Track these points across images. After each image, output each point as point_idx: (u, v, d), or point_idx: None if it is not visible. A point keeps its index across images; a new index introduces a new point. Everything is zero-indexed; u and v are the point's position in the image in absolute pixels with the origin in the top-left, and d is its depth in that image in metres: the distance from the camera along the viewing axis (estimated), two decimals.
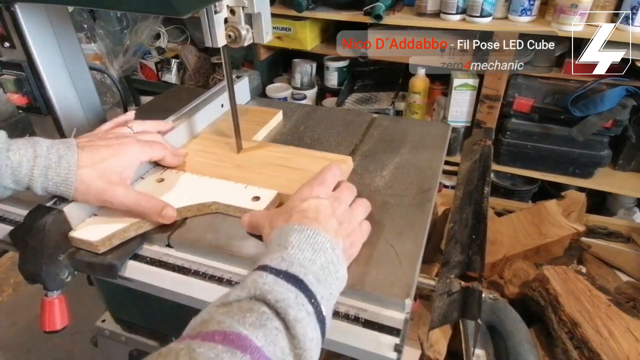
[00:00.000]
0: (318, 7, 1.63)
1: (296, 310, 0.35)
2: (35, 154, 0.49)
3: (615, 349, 0.72)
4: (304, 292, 0.37)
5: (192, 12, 0.53)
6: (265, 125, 0.78)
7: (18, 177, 0.49)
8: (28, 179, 0.49)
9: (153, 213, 0.53)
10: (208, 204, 0.58)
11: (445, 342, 0.82)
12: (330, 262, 0.41)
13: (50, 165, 0.50)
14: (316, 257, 0.40)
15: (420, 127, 0.82)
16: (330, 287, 0.40)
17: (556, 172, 1.58)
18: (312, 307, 0.37)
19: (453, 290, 0.48)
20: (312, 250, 0.40)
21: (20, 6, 0.62)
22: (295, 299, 0.36)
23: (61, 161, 0.50)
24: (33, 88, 0.70)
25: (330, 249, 0.42)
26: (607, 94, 1.34)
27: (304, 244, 0.41)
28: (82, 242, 0.52)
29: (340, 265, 0.42)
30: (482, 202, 0.61)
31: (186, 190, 0.60)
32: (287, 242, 0.41)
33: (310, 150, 0.69)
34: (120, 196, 0.52)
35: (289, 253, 0.40)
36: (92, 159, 0.51)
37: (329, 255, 0.41)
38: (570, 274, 0.86)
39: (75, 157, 0.51)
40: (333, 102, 1.85)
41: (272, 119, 0.80)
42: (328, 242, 0.42)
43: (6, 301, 1.64)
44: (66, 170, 0.50)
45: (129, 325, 0.84)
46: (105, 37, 1.94)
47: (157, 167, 0.64)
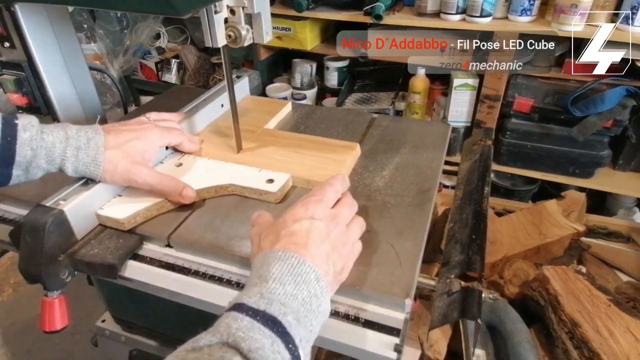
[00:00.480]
0: (318, 7, 1.63)
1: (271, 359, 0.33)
2: (67, 136, 0.53)
3: (615, 349, 0.72)
4: (282, 337, 0.35)
5: (192, 12, 0.53)
6: (275, 115, 0.82)
7: (52, 157, 0.52)
8: (61, 159, 0.52)
9: (174, 192, 0.57)
10: (225, 186, 0.62)
11: (445, 342, 0.82)
12: (313, 295, 0.39)
13: (81, 147, 0.53)
14: (298, 290, 0.38)
15: (420, 127, 0.82)
16: (311, 324, 0.38)
17: (556, 172, 1.58)
18: (289, 354, 0.35)
19: (453, 290, 0.48)
20: (294, 283, 0.38)
21: (20, 6, 0.62)
22: (271, 347, 0.34)
23: (90, 143, 0.53)
24: (33, 88, 0.70)
25: (315, 281, 0.39)
26: (607, 94, 1.34)
27: (286, 276, 0.38)
28: (108, 220, 0.56)
29: (323, 297, 0.40)
30: (482, 202, 0.61)
31: (204, 173, 0.64)
32: (269, 273, 0.38)
33: (319, 137, 0.73)
34: (145, 175, 0.56)
35: (269, 288, 0.37)
36: (117, 140, 0.55)
37: (313, 287, 0.39)
38: (570, 274, 0.86)
39: (102, 139, 0.54)
40: (333, 102, 1.85)
41: (282, 109, 0.84)
42: (313, 273, 0.39)
43: (6, 301, 1.64)
44: (95, 151, 0.53)
45: (129, 325, 0.84)
46: (105, 37, 1.94)
47: (175, 153, 0.69)
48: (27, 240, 0.49)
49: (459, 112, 1.63)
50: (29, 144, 0.50)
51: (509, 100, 1.49)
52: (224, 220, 0.57)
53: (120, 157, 0.55)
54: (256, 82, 0.94)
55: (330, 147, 0.69)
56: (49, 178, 0.54)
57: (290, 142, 0.71)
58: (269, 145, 0.71)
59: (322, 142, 0.71)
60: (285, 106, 0.85)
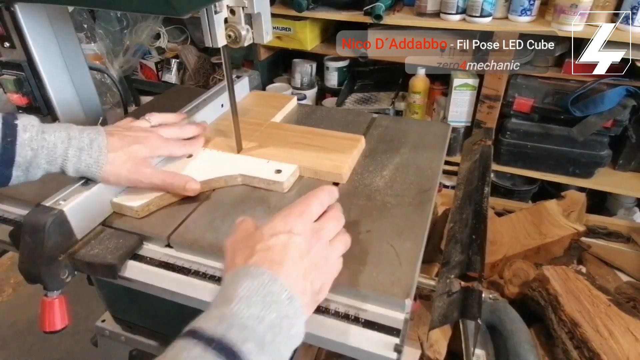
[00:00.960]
0: (318, 7, 1.63)
1: None
2: (69, 137, 0.53)
3: (615, 349, 0.72)
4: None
5: (192, 12, 0.53)
6: (281, 109, 0.84)
7: (53, 157, 0.52)
8: (62, 159, 0.52)
9: (178, 187, 0.59)
10: (235, 176, 0.63)
11: (445, 342, 0.82)
12: (285, 316, 0.35)
13: (83, 147, 0.53)
14: (266, 312, 0.34)
15: (420, 127, 0.82)
16: (279, 350, 0.34)
17: (556, 172, 1.58)
18: None
19: (453, 290, 0.48)
20: (262, 303, 0.35)
21: (20, 6, 0.62)
22: None
23: (93, 144, 0.54)
24: (33, 88, 0.70)
25: (287, 300, 0.36)
26: (607, 94, 1.34)
27: (254, 296, 0.35)
28: (122, 208, 0.58)
29: (296, 319, 0.37)
30: (482, 202, 0.61)
31: (214, 164, 0.65)
32: (235, 292, 0.35)
33: (325, 130, 0.76)
34: (149, 175, 0.57)
35: (232, 310, 0.34)
36: (120, 143, 0.56)
37: (284, 308, 0.36)
38: (570, 274, 0.86)
39: (105, 141, 0.55)
40: (333, 102, 1.85)
41: (288, 103, 0.86)
42: (284, 293, 0.36)
43: (6, 301, 1.64)
44: (97, 152, 0.54)
45: (129, 325, 0.84)
46: (105, 37, 1.94)
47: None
48: (27, 240, 0.49)
49: (459, 112, 1.63)
50: (29, 144, 0.50)
51: (509, 100, 1.49)
52: (224, 220, 0.57)
53: (124, 159, 0.56)
54: (256, 82, 0.94)
55: (336, 140, 0.71)
56: (49, 178, 0.54)
57: (297, 134, 0.74)
58: (276, 137, 0.73)
59: (328, 135, 0.74)
60: (290, 101, 0.87)
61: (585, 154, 1.50)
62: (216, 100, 0.80)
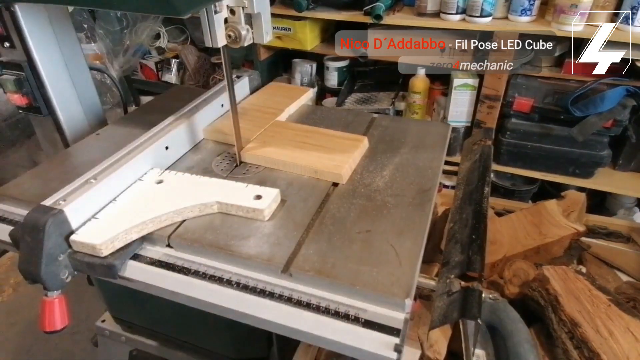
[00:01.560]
0: (318, 7, 1.63)
1: None
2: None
3: (615, 349, 0.72)
4: None
5: (192, 12, 0.53)
6: (297, 100, 0.85)
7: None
8: None
9: None
10: (210, 204, 0.58)
11: (445, 342, 0.82)
12: None
13: None
14: None
15: (420, 127, 0.82)
16: None
17: (556, 172, 1.58)
18: None
19: (453, 290, 0.48)
20: None
21: (20, 6, 0.62)
22: None
23: None
24: (33, 88, 0.70)
25: None
26: (607, 94, 1.34)
27: None
28: (83, 246, 0.52)
29: None
30: (482, 202, 0.61)
31: (187, 190, 0.60)
32: None
33: (327, 130, 0.76)
34: None
35: None
36: None
37: None
38: (570, 274, 0.86)
39: None
40: (333, 102, 1.85)
41: (303, 95, 0.88)
42: None
43: (6, 301, 1.64)
44: None
45: (129, 325, 0.84)
46: (105, 37, 1.94)
47: (154, 169, 0.65)
48: (27, 240, 0.49)
49: (459, 112, 1.63)
50: None
51: (509, 100, 1.49)
52: (224, 220, 0.57)
53: None
54: (256, 82, 0.94)
55: (339, 140, 0.71)
56: (49, 178, 0.54)
57: (300, 133, 0.74)
58: (279, 136, 0.73)
59: (332, 134, 0.74)
60: (306, 92, 0.89)
61: (585, 154, 1.50)
62: (216, 100, 0.80)
